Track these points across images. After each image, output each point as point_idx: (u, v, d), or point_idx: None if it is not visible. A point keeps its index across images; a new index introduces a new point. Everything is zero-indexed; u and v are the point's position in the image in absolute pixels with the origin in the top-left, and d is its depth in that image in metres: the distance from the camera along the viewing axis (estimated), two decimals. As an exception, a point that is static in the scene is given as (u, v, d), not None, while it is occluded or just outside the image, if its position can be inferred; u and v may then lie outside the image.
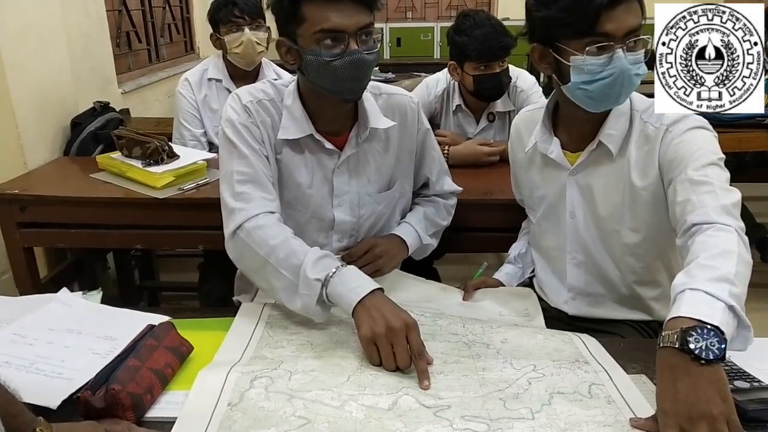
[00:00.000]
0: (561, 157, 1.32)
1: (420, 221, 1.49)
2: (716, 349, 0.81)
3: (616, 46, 1.12)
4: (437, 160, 1.53)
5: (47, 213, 1.86)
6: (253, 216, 1.21)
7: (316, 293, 1.10)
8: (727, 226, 1.01)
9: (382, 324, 1.01)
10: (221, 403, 0.90)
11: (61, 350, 1.02)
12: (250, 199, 1.24)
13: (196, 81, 2.34)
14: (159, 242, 2.22)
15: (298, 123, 1.31)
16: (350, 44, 1.18)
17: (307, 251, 1.16)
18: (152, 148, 1.89)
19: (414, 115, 1.45)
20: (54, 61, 2.35)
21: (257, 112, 1.30)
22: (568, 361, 1.04)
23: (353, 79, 1.22)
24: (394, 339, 1.00)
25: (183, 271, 2.93)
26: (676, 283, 0.93)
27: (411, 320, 1.03)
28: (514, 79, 2.15)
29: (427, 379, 0.97)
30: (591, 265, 1.36)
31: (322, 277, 1.10)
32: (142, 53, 3.80)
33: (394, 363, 1.00)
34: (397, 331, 1.00)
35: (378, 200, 1.43)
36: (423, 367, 0.99)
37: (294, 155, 1.34)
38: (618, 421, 0.87)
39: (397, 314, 1.04)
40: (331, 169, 1.35)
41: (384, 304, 1.06)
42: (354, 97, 1.29)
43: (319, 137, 1.32)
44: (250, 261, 1.21)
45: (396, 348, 1.00)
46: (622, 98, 1.20)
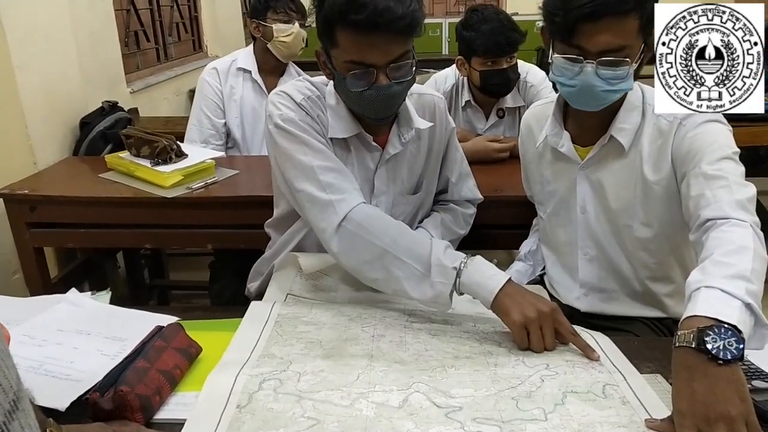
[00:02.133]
0: (571, 151, 1.30)
1: (437, 227, 1.47)
2: (734, 349, 0.79)
3: (586, 61, 1.12)
4: (459, 161, 1.51)
5: (57, 213, 1.86)
6: (356, 206, 1.19)
7: (452, 281, 1.11)
8: (742, 221, 0.99)
9: (533, 309, 1.04)
10: (230, 405, 0.89)
11: (70, 351, 1.02)
12: (343, 189, 1.21)
13: (224, 70, 2.31)
14: (168, 242, 2.23)
15: (345, 122, 1.29)
16: (379, 78, 1.16)
17: (430, 240, 1.17)
18: (161, 148, 1.89)
19: (442, 114, 1.43)
20: (62, 61, 2.35)
21: (311, 108, 1.29)
22: (582, 360, 1.02)
23: (378, 110, 1.22)
24: (544, 322, 1.04)
25: (193, 270, 2.94)
26: (691, 281, 0.91)
27: (555, 305, 1.07)
28: (524, 74, 2.13)
29: (593, 351, 1.02)
30: (603, 260, 1.34)
31: (458, 265, 1.11)
32: (150, 52, 3.80)
33: (543, 345, 1.04)
34: (548, 315, 1.04)
35: (409, 201, 1.42)
36: (581, 342, 1.03)
37: (340, 155, 1.31)
38: (633, 422, 0.86)
39: (542, 300, 1.08)
40: (372, 169, 1.34)
41: (526, 291, 1.10)
42: (381, 122, 1.28)
43: (367, 135, 1.31)
44: (363, 252, 1.17)
45: (545, 331, 1.04)
46: (592, 106, 1.20)
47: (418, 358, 1.03)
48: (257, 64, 2.33)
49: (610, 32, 1.09)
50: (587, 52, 1.12)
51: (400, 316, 1.20)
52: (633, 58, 1.13)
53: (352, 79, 1.17)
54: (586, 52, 1.12)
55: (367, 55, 1.14)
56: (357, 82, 1.17)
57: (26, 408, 0.49)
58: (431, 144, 1.41)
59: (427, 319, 1.18)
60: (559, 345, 1.07)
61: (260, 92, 2.33)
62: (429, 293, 1.13)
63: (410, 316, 1.20)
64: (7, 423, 0.46)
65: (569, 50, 1.14)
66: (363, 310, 1.22)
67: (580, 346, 1.04)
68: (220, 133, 2.31)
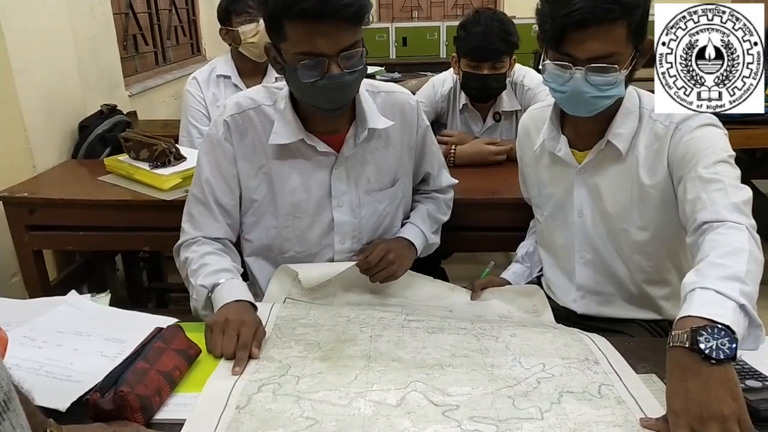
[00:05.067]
0: (569, 156, 1.31)
1: (425, 220, 1.49)
2: (727, 349, 0.80)
3: (575, 68, 1.14)
4: (436, 154, 1.54)
5: (56, 216, 1.87)
6: (191, 238, 1.33)
7: (202, 298, 1.24)
8: (738, 224, 1.00)
9: (221, 317, 1.11)
10: (229, 406, 0.90)
11: (70, 353, 1.02)
12: (197, 224, 1.35)
13: (204, 79, 2.34)
14: (166, 244, 2.19)
15: (290, 127, 1.30)
16: (330, 67, 1.16)
17: (216, 265, 1.28)
18: (159, 151, 1.90)
19: (413, 112, 1.44)
20: (61, 64, 2.36)
21: (236, 126, 1.32)
22: (578, 359, 1.03)
23: (332, 100, 1.22)
24: (226, 329, 1.08)
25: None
26: (687, 282, 0.92)
27: (249, 320, 1.11)
28: (520, 77, 2.14)
29: (239, 366, 1.01)
30: (600, 264, 1.35)
31: (208, 284, 1.23)
32: (148, 56, 3.81)
33: (220, 350, 1.06)
34: (230, 323, 1.09)
35: (379, 199, 1.42)
36: (241, 356, 1.03)
37: (285, 162, 1.33)
38: (628, 421, 0.87)
39: (239, 314, 1.12)
40: (328, 170, 1.35)
41: (236, 308, 1.15)
42: (335, 113, 1.27)
43: (312, 141, 1.31)
44: (181, 272, 1.35)
45: (224, 337, 1.07)
46: (583, 112, 1.21)
47: (415, 356, 1.04)
48: (237, 69, 2.36)
49: (597, 39, 1.11)
50: (576, 59, 1.14)
51: (397, 315, 1.21)
52: (622, 65, 1.14)
53: (303, 69, 1.16)
54: (575, 59, 1.14)
55: (316, 44, 1.14)
56: (308, 72, 1.16)
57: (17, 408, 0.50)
58: (402, 141, 1.42)
59: (425, 319, 1.19)
60: (554, 341, 1.08)
61: None
62: (195, 306, 1.26)
63: (408, 315, 1.21)
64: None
65: (559, 57, 1.16)
66: (361, 311, 1.23)
67: (237, 358, 1.04)
68: None
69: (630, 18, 1.10)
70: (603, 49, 1.12)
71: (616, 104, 1.23)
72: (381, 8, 6.98)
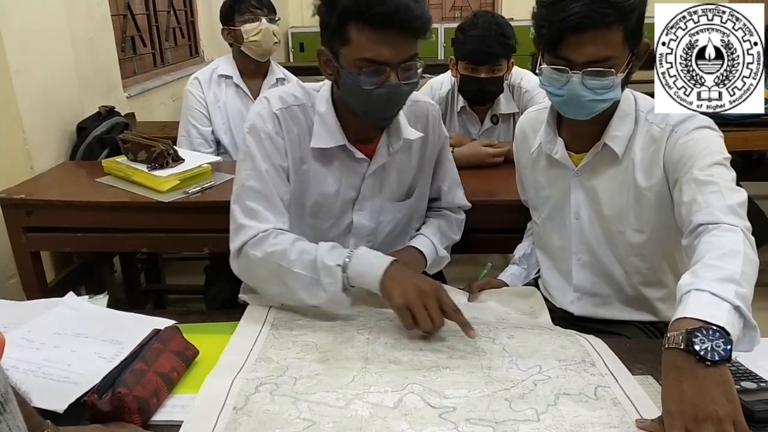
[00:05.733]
0: (565, 158, 1.32)
1: (435, 233, 1.49)
2: (722, 350, 0.80)
3: (572, 71, 1.14)
4: (450, 170, 1.53)
5: (53, 217, 1.86)
6: (262, 231, 1.22)
7: (339, 278, 1.14)
8: (733, 226, 1.01)
9: (413, 289, 1.08)
10: (227, 407, 0.91)
11: (67, 354, 1.03)
12: (262, 217, 1.24)
13: (206, 79, 2.35)
14: (164, 246, 2.23)
15: (331, 132, 1.29)
16: (390, 77, 1.17)
17: (316, 246, 1.19)
18: (157, 152, 1.90)
19: (435, 122, 1.44)
20: (59, 66, 2.35)
21: (285, 120, 1.29)
22: (574, 361, 1.04)
23: (386, 109, 1.24)
24: (427, 301, 1.07)
25: (189, 274, 2.94)
26: (682, 284, 0.93)
27: (438, 284, 1.10)
28: (518, 80, 2.14)
29: (471, 329, 1.05)
30: (596, 266, 1.36)
31: (341, 262, 1.14)
32: (147, 57, 3.80)
33: (431, 323, 1.07)
34: (430, 293, 1.07)
35: (399, 208, 1.43)
36: (462, 319, 1.06)
37: (322, 164, 1.32)
38: (624, 423, 0.87)
39: (423, 279, 1.11)
40: (360, 176, 1.35)
41: (408, 273, 1.13)
42: (384, 123, 1.29)
43: (351, 147, 1.31)
44: (259, 271, 1.22)
45: (430, 309, 1.07)
46: (580, 115, 1.21)
47: (412, 358, 1.04)
48: (238, 69, 2.37)
49: (594, 44, 1.11)
50: (573, 63, 1.14)
51: (395, 317, 1.21)
52: (619, 69, 1.15)
53: (365, 76, 1.16)
54: (572, 62, 1.14)
55: (381, 52, 1.14)
56: (370, 79, 1.16)
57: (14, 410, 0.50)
58: (423, 152, 1.42)
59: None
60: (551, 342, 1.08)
61: (244, 96, 2.37)
62: (323, 296, 1.16)
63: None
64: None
65: (556, 61, 1.16)
66: (358, 312, 1.23)
67: (460, 322, 1.07)
68: (208, 141, 2.34)
69: (626, 22, 1.11)
70: (600, 53, 1.12)
71: (613, 107, 1.23)
72: (379, 10, 6.96)
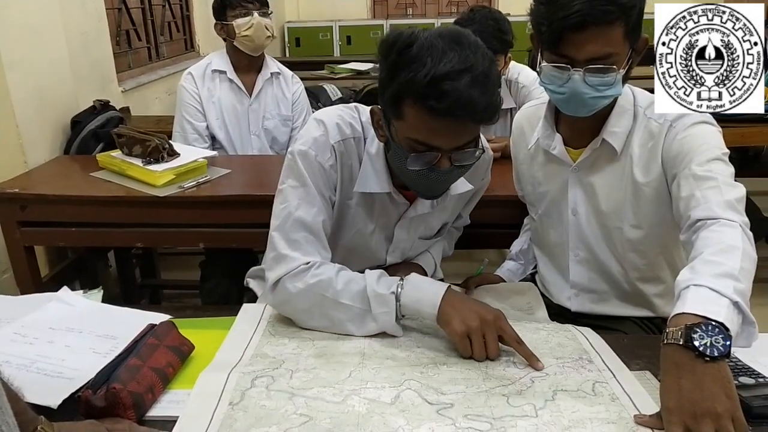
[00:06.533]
0: (563, 154, 1.31)
1: (439, 254, 1.48)
2: (721, 346, 0.80)
3: (573, 69, 1.13)
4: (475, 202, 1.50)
5: (48, 212, 1.85)
6: (304, 264, 1.14)
7: (393, 307, 1.08)
8: (731, 221, 1.00)
9: (475, 317, 1.03)
10: (222, 403, 0.90)
11: (61, 349, 1.01)
12: (305, 250, 1.16)
13: (200, 75, 2.34)
14: (160, 241, 2.22)
15: (379, 178, 1.22)
16: (441, 161, 1.07)
17: (363, 275, 1.13)
18: (152, 147, 1.89)
19: (485, 168, 1.39)
20: (54, 59, 2.33)
21: (341, 155, 1.21)
22: (572, 359, 1.03)
23: (433, 190, 1.17)
24: (487, 330, 1.03)
25: (184, 269, 2.93)
26: (680, 279, 0.92)
27: (499, 312, 1.05)
28: (515, 75, 2.14)
29: (538, 360, 1.00)
30: (594, 262, 1.35)
31: (394, 290, 1.09)
32: (142, 51, 3.78)
33: (485, 354, 1.02)
34: (491, 323, 1.03)
35: (429, 244, 1.43)
36: (527, 351, 1.01)
37: (363, 205, 1.27)
38: (622, 418, 0.87)
39: (484, 306, 1.06)
40: (394, 218, 1.30)
41: (467, 299, 1.09)
42: (429, 198, 1.23)
43: (396, 195, 1.25)
44: (300, 303, 1.13)
45: (488, 338, 1.03)
46: (581, 112, 1.20)
47: (409, 355, 1.04)
48: (232, 64, 2.36)
49: (596, 41, 1.10)
50: (574, 60, 1.13)
51: None
52: (620, 65, 1.14)
53: (413, 159, 1.07)
54: (574, 60, 1.13)
55: (435, 138, 1.05)
56: (417, 162, 1.07)
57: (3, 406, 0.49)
58: (465, 198, 1.40)
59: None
60: (548, 341, 1.08)
61: (238, 91, 2.36)
62: (374, 327, 1.10)
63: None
64: None
65: (557, 59, 1.15)
66: None
67: (525, 354, 1.01)
68: (203, 136, 2.33)
69: (627, 18, 1.10)
70: (601, 50, 1.11)
71: (611, 103, 1.23)
72: (375, 5, 6.98)
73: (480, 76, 1.00)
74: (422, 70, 0.99)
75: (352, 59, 4.78)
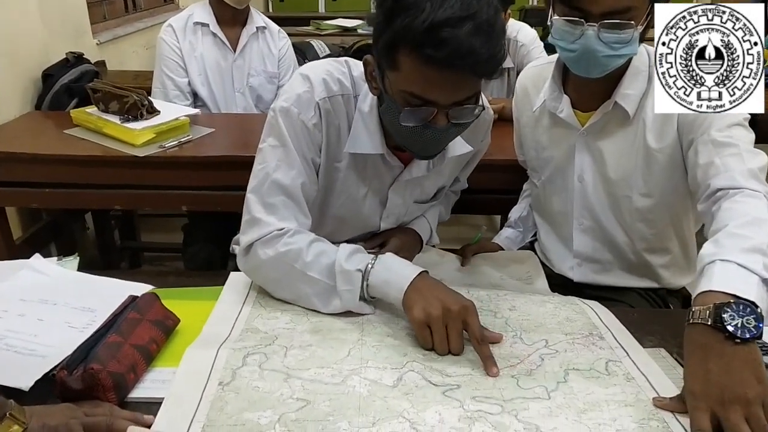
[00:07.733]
0: (571, 117, 1.24)
1: (435, 219, 1.42)
2: (753, 327, 0.75)
3: (587, 23, 1.05)
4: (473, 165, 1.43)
5: (19, 171, 1.76)
6: (278, 230, 1.07)
7: (358, 286, 1.00)
8: (755, 191, 0.96)
9: (438, 306, 0.92)
10: (212, 382, 0.83)
11: (33, 324, 0.94)
12: (282, 215, 1.08)
13: (181, 27, 2.21)
14: (139, 203, 2.13)
15: (371, 138, 1.14)
16: (437, 118, 0.99)
17: (336, 248, 1.05)
18: (130, 103, 1.79)
19: (485, 129, 1.32)
20: (22, 8, 2.21)
21: (327, 113, 1.12)
22: (582, 335, 0.98)
23: (428, 149, 1.08)
24: (450, 321, 0.92)
25: (166, 231, 2.84)
26: (704, 253, 0.87)
27: (468, 303, 0.94)
28: (514, 33, 2.06)
29: (495, 366, 0.88)
30: (599, 231, 1.30)
31: (363, 267, 1.01)
32: (117, 2, 3.60)
33: (447, 348, 0.92)
34: (454, 313, 0.92)
35: (424, 208, 1.36)
36: (487, 352, 0.89)
37: (354, 168, 1.19)
38: (640, 401, 0.82)
39: (453, 295, 0.95)
40: (388, 182, 1.22)
41: (437, 285, 0.97)
42: (425, 159, 1.16)
43: (389, 157, 1.18)
44: (269, 272, 1.07)
45: (450, 331, 0.92)
46: (593, 72, 1.12)
47: (410, 332, 0.97)
48: (215, 17, 2.23)
49: None
50: (589, 14, 1.05)
51: None
52: (639, 21, 1.06)
53: (407, 114, 0.99)
54: (588, 14, 1.05)
55: (432, 91, 0.96)
56: (412, 117, 0.99)
57: None
58: (464, 160, 1.33)
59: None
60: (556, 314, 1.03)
61: (222, 46, 2.24)
62: (338, 305, 1.01)
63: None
64: None
65: (570, 12, 1.06)
66: None
67: (483, 355, 0.89)
68: (185, 93, 2.22)
69: None
70: (620, 3, 1.03)
71: (625, 63, 1.15)
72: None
73: (483, 25, 0.91)
74: (420, 15, 0.90)
75: (339, 15, 4.64)
